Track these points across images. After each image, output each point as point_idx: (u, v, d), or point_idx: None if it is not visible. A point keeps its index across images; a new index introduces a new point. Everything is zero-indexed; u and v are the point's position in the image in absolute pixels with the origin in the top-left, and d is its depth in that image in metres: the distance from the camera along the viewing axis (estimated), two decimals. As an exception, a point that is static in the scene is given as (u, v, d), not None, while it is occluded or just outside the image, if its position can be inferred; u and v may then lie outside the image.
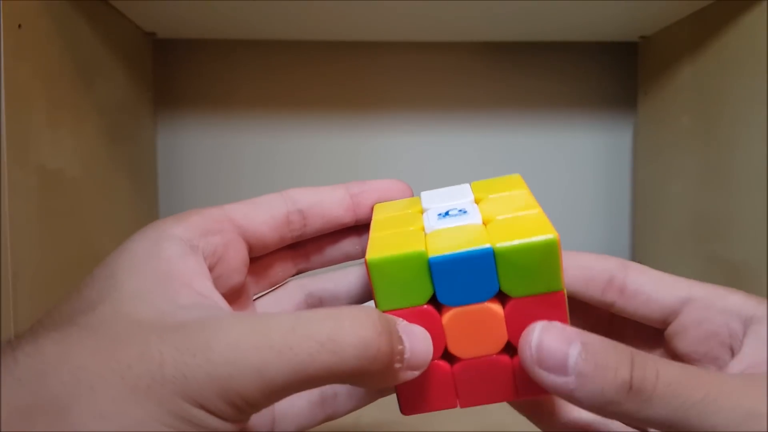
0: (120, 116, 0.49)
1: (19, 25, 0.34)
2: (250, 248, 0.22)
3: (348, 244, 0.25)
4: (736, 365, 0.19)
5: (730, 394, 0.17)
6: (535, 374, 0.17)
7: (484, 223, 0.20)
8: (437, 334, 0.19)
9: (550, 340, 0.17)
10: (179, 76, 0.59)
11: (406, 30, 0.54)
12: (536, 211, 0.20)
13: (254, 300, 0.24)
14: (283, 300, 0.24)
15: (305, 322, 0.16)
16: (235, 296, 0.22)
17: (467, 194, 0.23)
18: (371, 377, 0.16)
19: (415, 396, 0.20)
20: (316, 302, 0.24)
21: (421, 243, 0.19)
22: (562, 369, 0.17)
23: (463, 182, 0.25)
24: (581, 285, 0.22)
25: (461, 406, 0.20)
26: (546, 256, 0.18)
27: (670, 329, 0.22)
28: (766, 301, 0.20)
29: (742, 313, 0.20)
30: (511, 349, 0.19)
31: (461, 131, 0.61)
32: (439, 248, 0.18)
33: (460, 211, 0.21)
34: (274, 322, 0.16)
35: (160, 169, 0.59)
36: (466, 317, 0.19)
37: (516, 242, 0.18)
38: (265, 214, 0.22)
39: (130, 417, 0.14)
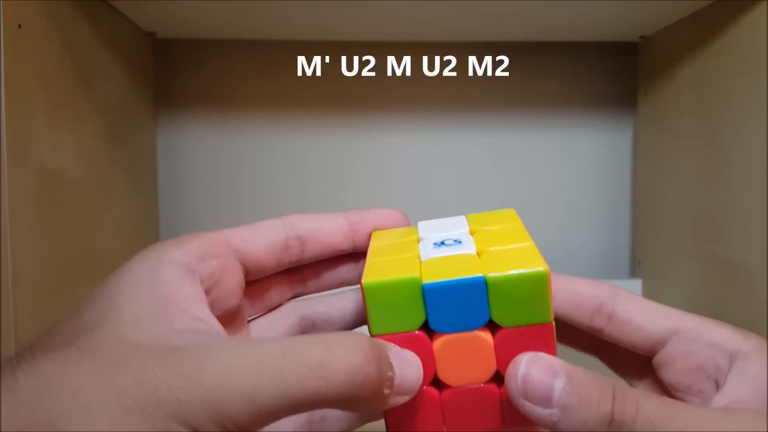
0: (120, 116, 0.49)
1: (19, 25, 0.34)
2: (247, 272, 0.22)
3: (345, 271, 0.25)
4: (719, 400, 0.20)
5: (707, 428, 0.17)
6: (520, 406, 0.18)
7: (478, 254, 0.21)
8: (428, 360, 0.19)
9: (536, 373, 0.18)
10: (179, 76, 0.59)
11: (406, 30, 0.54)
12: (528, 244, 0.20)
13: (249, 322, 0.24)
14: (276, 323, 0.25)
15: (296, 348, 0.16)
16: (230, 319, 0.22)
17: (462, 225, 0.24)
18: (360, 402, 0.17)
19: (402, 420, 0.20)
20: (309, 326, 0.25)
21: (416, 269, 0.20)
22: (547, 401, 0.18)
23: (463, 182, 0.25)
24: (570, 309, 0.23)
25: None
26: (536, 287, 0.19)
27: (657, 358, 0.22)
28: (751, 336, 0.21)
29: (728, 347, 0.21)
30: (499, 378, 0.20)
31: (461, 131, 0.61)
32: (433, 275, 0.19)
33: (456, 241, 0.22)
34: (265, 348, 0.16)
35: (160, 169, 0.59)
36: (456, 344, 0.19)
37: (508, 273, 0.19)
38: (264, 239, 0.22)
39: None
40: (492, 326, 0.19)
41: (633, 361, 0.24)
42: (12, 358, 0.17)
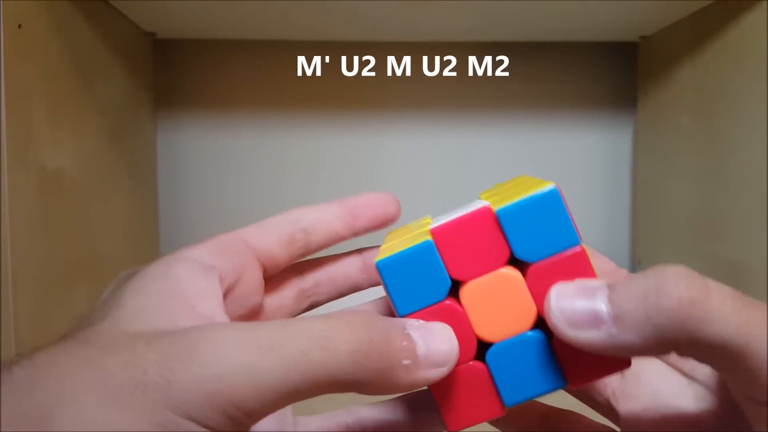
0: (120, 116, 0.49)
1: (19, 25, 0.34)
2: (264, 268, 0.22)
3: (349, 264, 0.25)
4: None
5: None
6: (571, 339, 0.16)
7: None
8: (465, 332, 0.18)
9: (570, 298, 0.16)
10: (179, 76, 0.59)
11: (406, 30, 0.54)
12: (536, 180, 0.19)
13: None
14: (280, 289, 0.24)
15: (296, 322, 0.16)
16: (250, 317, 0.22)
17: (476, 202, 0.23)
18: (372, 378, 0.16)
19: (456, 407, 0.19)
20: (313, 287, 0.25)
21: (426, 236, 0.19)
22: (597, 321, 0.16)
23: (463, 182, 0.25)
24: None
25: (508, 406, 0.19)
26: (549, 208, 0.17)
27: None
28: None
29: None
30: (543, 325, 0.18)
31: (461, 131, 0.61)
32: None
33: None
34: (264, 324, 0.16)
35: (160, 168, 0.59)
36: (484, 290, 0.18)
37: (514, 200, 0.17)
38: (274, 234, 0.22)
39: (111, 425, 0.14)
40: (519, 265, 0.18)
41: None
42: (14, 357, 0.16)
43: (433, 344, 0.17)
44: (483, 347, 0.18)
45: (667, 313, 0.15)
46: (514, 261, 0.18)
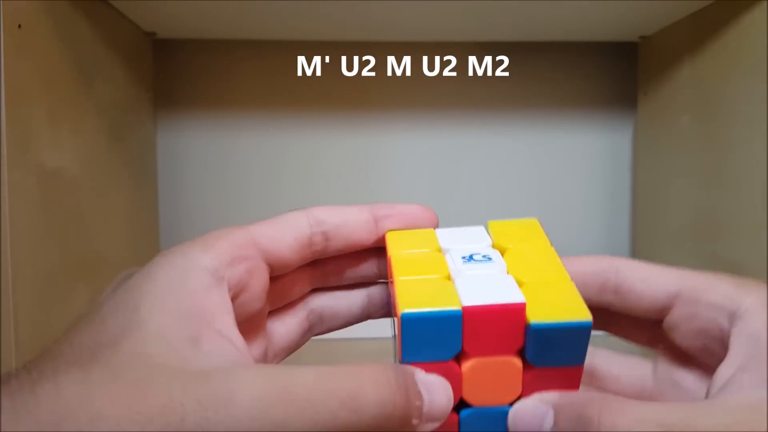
0: (120, 116, 0.49)
1: (19, 25, 0.33)
2: (271, 270, 0.21)
3: (367, 267, 0.25)
4: (725, 370, 0.19)
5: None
6: None
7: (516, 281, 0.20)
8: (454, 383, 0.19)
9: (524, 415, 0.19)
10: (179, 76, 0.59)
11: (406, 30, 0.54)
12: (567, 282, 0.20)
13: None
14: (287, 315, 0.24)
15: (326, 378, 0.16)
16: (253, 320, 0.22)
17: (485, 237, 0.23)
18: None
19: None
20: (317, 318, 0.25)
21: (454, 297, 0.19)
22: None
23: (463, 182, 0.25)
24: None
25: None
26: (579, 336, 0.18)
27: (665, 324, 0.22)
28: (752, 289, 0.20)
29: (727, 307, 0.20)
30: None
31: (461, 131, 0.61)
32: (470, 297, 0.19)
33: (484, 257, 0.21)
34: (295, 377, 0.16)
35: (160, 168, 0.59)
36: (486, 368, 0.19)
37: (554, 321, 0.18)
38: (290, 237, 0.21)
39: None
40: (524, 359, 0.19)
41: (643, 329, 0.24)
42: (31, 370, 0.16)
43: (435, 400, 0.18)
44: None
45: None
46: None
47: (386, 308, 0.24)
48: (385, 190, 0.61)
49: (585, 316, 0.18)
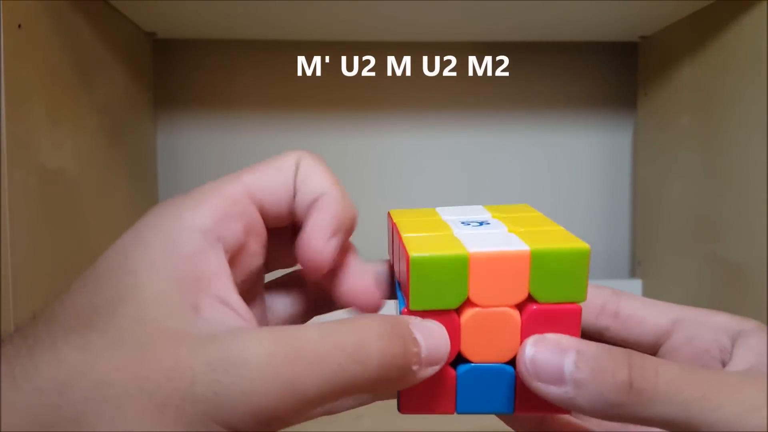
0: (120, 116, 0.49)
1: (19, 25, 0.34)
2: (268, 222, 0.20)
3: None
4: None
5: (730, 390, 0.17)
6: (534, 388, 0.18)
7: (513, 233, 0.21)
8: (452, 338, 0.19)
9: (544, 353, 0.18)
10: (179, 76, 0.59)
11: (406, 30, 0.54)
12: (561, 228, 0.21)
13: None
14: (285, 290, 0.23)
15: (331, 333, 0.16)
16: (252, 280, 0.21)
17: (484, 211, 0.24)
18: (390, 384, 0.17)
19: (415, 396, 0.20)
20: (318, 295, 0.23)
21: (460, 246, 0.19)
22: (559, 379, 0.17)
23: (463, 182, 0.25)
24: None
25: (458, 413, 0.20)
26: (578, 264, 0.19)
27: (663, 350, 0.22)
28: (750, 320, 0.21)
29: (729, 328, 0.21)
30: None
31: (461, 131, 0.61)
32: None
33: (481, 223, 0.22)
34: (302, 334, 0.16)
35: (160, 168, 0.59)
36: (484, 320, 0.19)
37: (552, 246, 0.19)
38: (281, 184, 0.21)
39: None
40: (520, 306, 0.19)
41: None
42: (26, 334, 0.16)
43: (432, 344, 0.18)
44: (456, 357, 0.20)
45: (616, 395, 0.17)
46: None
47: (391, 289, 0.24)
48: (385, 190, 0.61)
49: (582, 245, 0.19)
